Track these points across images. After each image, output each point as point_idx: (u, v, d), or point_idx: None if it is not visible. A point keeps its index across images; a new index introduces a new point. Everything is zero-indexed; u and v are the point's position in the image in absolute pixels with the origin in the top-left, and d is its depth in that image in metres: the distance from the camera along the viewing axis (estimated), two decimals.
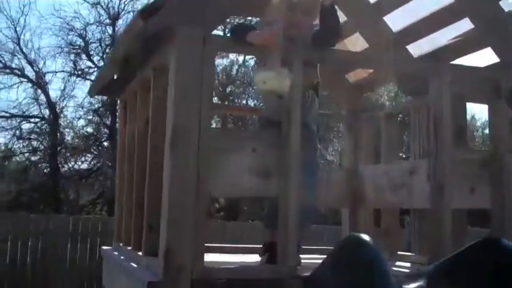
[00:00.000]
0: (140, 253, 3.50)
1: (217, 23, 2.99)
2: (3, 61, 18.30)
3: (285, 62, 3.10)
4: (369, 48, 4.61)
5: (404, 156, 11.09)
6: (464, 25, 3.87)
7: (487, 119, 4.12)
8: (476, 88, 3.77)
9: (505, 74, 3.59)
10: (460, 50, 4.12)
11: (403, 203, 4.32)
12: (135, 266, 3.43)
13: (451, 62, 4.07)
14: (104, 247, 4.85)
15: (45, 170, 19.14)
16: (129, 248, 3.86)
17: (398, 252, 4.43)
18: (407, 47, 4.41)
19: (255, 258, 3.61)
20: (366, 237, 2.65)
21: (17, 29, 17.97)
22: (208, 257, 3.79)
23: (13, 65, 18.33)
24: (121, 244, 4.18)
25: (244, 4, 3.03)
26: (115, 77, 4.07)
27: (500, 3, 3.61)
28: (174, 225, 2.87)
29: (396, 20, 4.42)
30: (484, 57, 3.98)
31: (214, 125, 16.03)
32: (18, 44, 17.96)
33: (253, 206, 15.90)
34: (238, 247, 4.77)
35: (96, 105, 18.82)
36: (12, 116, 18.70)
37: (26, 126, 18.92)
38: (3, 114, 18.49)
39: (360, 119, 4.96)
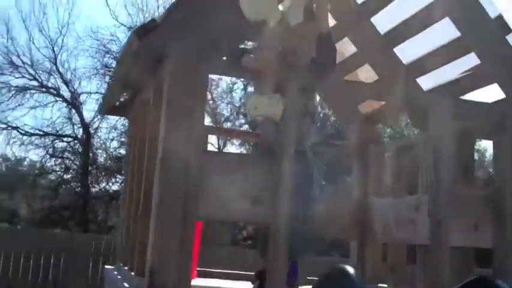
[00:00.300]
0: (133, 273, 3.49)
1: (211, 46, 2.96)
2: (39, 80, 18.66)
3: (279, 88, 3.11)
4: (379, 80, 4.56)
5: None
6: (473, 60, 3.81)
7: None
8: (481, 123, 3.67)
9: (511, 109, 3.52)
10: (469, 85, 4.05)
11: (409, 239, 4.22)
12: (126, 286, 3.42)
13: (461, 97, 4.00)
14: (107, 266, 4.87)
15: (76, 189, 19.37)
16: (126, 267, 3.86)
17: None
18: (417, 79, 4.34)
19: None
20: (349, 269, 2.59)
21: (55, 49, 18.26)
22: (209, 282, 3.80)
23: (49, 84, 18.66)
24: (121, 264, 4.19)
25: (238, 29, 3.01)
26: (121, 98, 4.12)
27: (508, 37, 3.54)
28: (159, 246, 2.86)
29: (406, 52, 4.37)
30: (493, 93, 3.91)
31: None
32: (55, 64, 18.24)
33: None
34: (241, 273, 4.73)
35: None
36: (46, 134, 19.02)
37: (59, 145, 19.19)
38: (37, 132, 18.82)
39: (370, 150, 4.90)
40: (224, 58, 3.08)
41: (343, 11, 4.17)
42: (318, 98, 3.55)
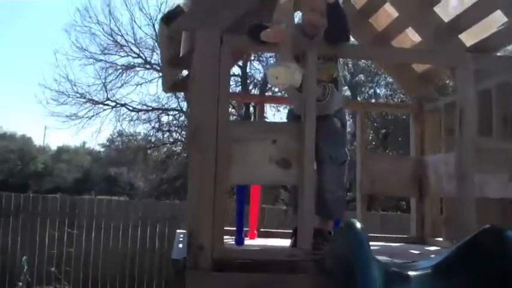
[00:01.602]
0: None
1: (232, 24, 3.25)
2: (143, 57, 19.60)
3: (299, 57, 3.35)
4: (422, 42, 4.65)
5: None
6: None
7: None
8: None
9: None
10: (503, 41, 4.10)
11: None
12: (180, 246, 3.79)
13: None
14: (178, 230, 5.30)
15: (186, 160, 20.27)
16: None
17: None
18: (459, 36, 4.40)
19: None
20: (356, 223, 2.80)
21: (155, 26, 19.06)
22: (268, 241, 4.12)
23: (152, 61, 19.53)
24: None
25: (257, 8, 3.27)
26: (178, 76, 4.49)
27: None
28: (195, 211, 3.19)
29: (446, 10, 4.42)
30: None
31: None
32: (157, 41, 19.08)
33: None
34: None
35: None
36: (153, 109, 19.98)
37: (164, 118, 20.10)
38: (144, 107, 19.81)
39: (425, 108, 5.01)
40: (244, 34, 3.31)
41: None
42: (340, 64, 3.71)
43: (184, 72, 4.62)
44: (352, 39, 4.93)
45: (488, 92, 4.22)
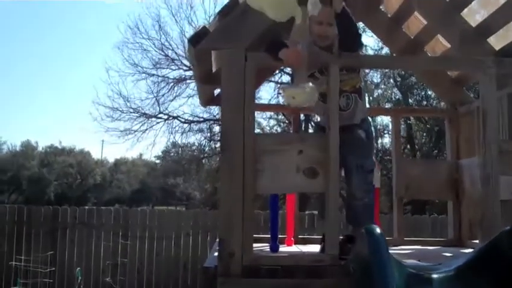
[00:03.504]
0: None
1: (254, 41, 3.42)
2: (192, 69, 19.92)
3: (322, 70, 3.49)
4: (451, 48, 4.72)
5: None
6: None
7: None
8: None
9: None
10: None
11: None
12: (215, 254, 3.96)
13: None
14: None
15: None
16: None
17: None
18: (488, 40, 4.45)
19: None
20: (376, 229, 2.91)
21: None
22: (306, 248, 4.25)
23: None
24: None
25: (277, 25, 3.42)
26: (215, 94, 4.69)
27: None
28: (226, 220, 3.36)
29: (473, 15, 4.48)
30: None
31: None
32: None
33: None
34: None
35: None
36: (205, 120, 20.31)
37: (216, 129, 20.39)
38: (196, 119, 20.15)
39: (459, 111, 5.06)
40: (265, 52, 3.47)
41: None
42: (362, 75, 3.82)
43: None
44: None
45: None
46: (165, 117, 20.18)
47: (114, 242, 9.85)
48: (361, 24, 5.85)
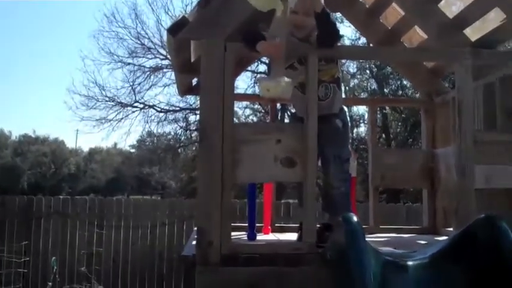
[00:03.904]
0: None
1: (234, 31, 3.43)
2: (170, 59, 19.86)
3: (301, 60, 3.52)
4: (428, 39, 4.77)
5: None
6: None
7: None
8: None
9: None
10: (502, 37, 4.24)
11: None
12: (193, 243, 3.97)
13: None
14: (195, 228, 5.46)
15: None
16: None
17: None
18: (464, 31, 4.51)
19: None
20: (353, 217, 2.94)
21: None
22: (283, 236, 4.28)
23: None
24: None
25: (256, 15, 3.43)
26: (193, 83, 4.69)
27: None
28: (204, 209, 3.37)
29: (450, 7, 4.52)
30: None
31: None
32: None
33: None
34: None
35: None
36: (181, 109, 20.27)
37: (192, 118, 20.38)
38: (172, 108, 20.10)
39: (435, 101, 5.12)
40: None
41: None
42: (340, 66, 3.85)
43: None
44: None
45: (492, 85, 4.33)
46: (141, 106, 20.13)
47: (89, 232, 9.80)
48: (338, 15, 5.87)
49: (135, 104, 20.09)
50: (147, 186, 34.57)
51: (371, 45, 5.87)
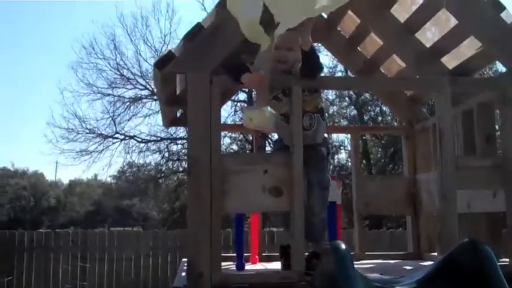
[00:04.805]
0: None
1: (219, 67, 3.53)
2: (150, 88, 19.95)
3: (285, 91, 3.61)
4: (406, 67, 4.91)
5: None
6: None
7: None
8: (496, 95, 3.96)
9: (511, 83, 3.78)
10: (478, 64, 4.38)
11: None
12: (183, 274, 4.00)
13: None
14: (184, 259, 5.49)
15: None
16: None
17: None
18: (441, 60, 4.63)
19: None
20: (340, 245, 3.00)
21: None
22: (270, 265, 4.32)
23: None
24: None
25: (240, 48, 3.52)
26: (178, 114, 4.75)
27: (502, 15, 3.78)
28: (193, 240, 3.41)
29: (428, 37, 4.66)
30: None
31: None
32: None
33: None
34: None
35: None
36: (162, 139, 20.29)
37: (174, 148, 20.40)
38: (153, 138, 20.11)
39: (416, 128, 5.24)
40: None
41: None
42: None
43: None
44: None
45: (471, 111, 4.45)
46: (122, 137, 20.10)
47: (72, 265, 9.76)
48: (318, 44, 5.99)
49: (116, 135, 20.08)
50: (128, 218, 34.35)
51: (349, 73, 5.95)
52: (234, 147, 21.21)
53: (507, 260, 3.83)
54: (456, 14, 3.97)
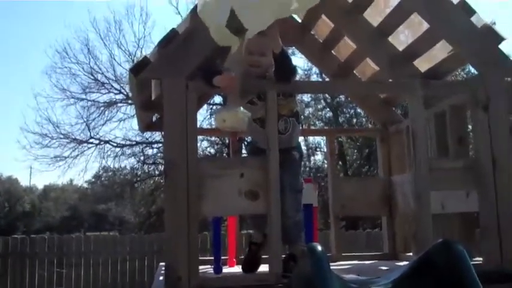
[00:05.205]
0: None
1: (194, 71, 3.55)
2: (125, 93, 19.88)
3: (260, 96, 3.65)
4: (380, 71, 4.98)
5: None
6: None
7: None
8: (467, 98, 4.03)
9: (482, 85, 3.86)
10: (450, 67, 4.46)
11: None
12: (160, 278, 4.01)
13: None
14: (161, 263, 5.49)
15: None
16: None
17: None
18: (414, 63, 4.70)
19: None
20: (317, 247, 3.04)
21: (135, 61, 19.32)
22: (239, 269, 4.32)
23: None
24: None
25: (215, 53, 3.55)
26: (153, 119, 4.76)
27: (472, 19, 3.86)
28: (170, 244, 3.43)
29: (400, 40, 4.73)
30: None
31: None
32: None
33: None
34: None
35: None
36: (137, 143, 20.21)
37: (149, 151, 20.33)
38: (128, 142, 20.03)
39: (390, 130, 5.30)
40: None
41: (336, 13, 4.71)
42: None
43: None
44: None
45: (443, 113, 4.52)
46: (97, 142, 19.98)
47: (49, 271, 9.71)
48: (292, 47, 6.04)
49: (91, 140, 19.96)
50: (104, 222, 34.15)
51: (324, 76, 6.00)
52: (212, 150, 21.21)
53: (480, 259, 3.90)
54: (427, 18, 4.03)
